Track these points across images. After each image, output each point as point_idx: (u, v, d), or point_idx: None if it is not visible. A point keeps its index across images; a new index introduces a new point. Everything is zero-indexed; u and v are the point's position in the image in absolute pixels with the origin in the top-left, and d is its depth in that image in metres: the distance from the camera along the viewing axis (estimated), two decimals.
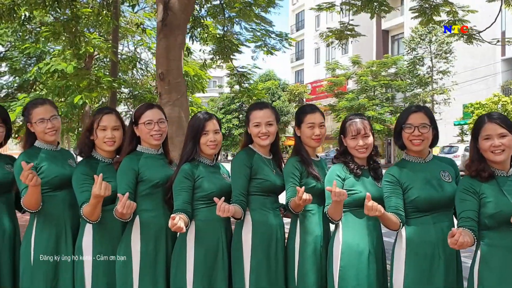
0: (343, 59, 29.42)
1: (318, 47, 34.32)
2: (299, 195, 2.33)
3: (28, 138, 2.67)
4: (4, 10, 7.39)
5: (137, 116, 2.66)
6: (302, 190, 2.33)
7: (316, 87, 32.41)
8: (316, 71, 35.00)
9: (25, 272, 2.54)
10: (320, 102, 32.65)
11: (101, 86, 8.00)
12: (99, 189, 2.26)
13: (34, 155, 2.59)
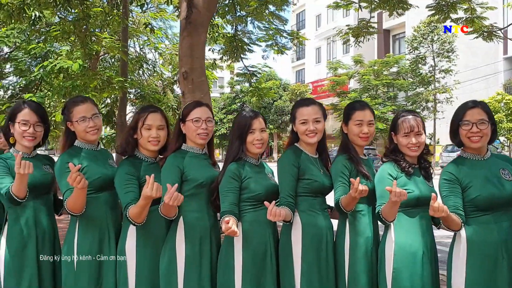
0: (344, 59, 29.40)
1: (319, 46, 34.28)
2: (355, 186, 2.23)
3: (68, 137, 2.59)
4: (14, 10, 7.31)
5: (185, 114, 2.59)
6: (358, 181, 2.25)
7: (318, 87, 32.35)
8: (317, 71, 34.96)
9: (68, 277, 2.46)
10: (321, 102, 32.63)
11: (112, 86, 7.92)
12: (151, 190, 2.17)
13: (75, 156, 2.51)
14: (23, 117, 2.52)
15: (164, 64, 13.17)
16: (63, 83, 9.17)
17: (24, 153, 2.53)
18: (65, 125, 2.60)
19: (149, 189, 2.17)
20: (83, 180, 2.22)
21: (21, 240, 2.47)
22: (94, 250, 2.47)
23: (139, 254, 2.45)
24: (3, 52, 12.04)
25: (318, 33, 33.28)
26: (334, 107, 26.86)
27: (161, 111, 2.63)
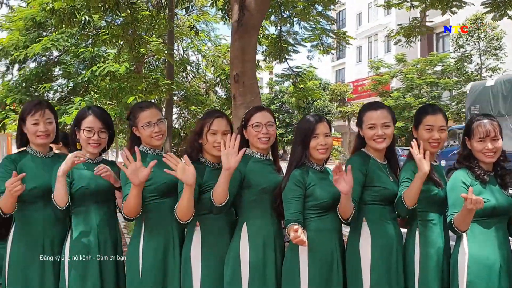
0: (386, 57, 28.84)
1: (359, 45, 33.77)
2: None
3: (132, 142, 2.59)
4: (65, 15, 7.52)
5: (246, 119, 2.56)
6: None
7: (358, 86, 31.87)
8: (357, 70, 34.45)
9: (133, 284, 2.46)
10: (362, 102, 32.14)
11: (159, 89, 8.03)
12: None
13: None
14: (87, 124, 2.55)
15: (207, 66, 13.27)
16: (110, 85, 9.39)
17: (89, 159, 2.55)
18: (130, 130, 2.60)
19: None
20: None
21: (85, 246, 2.49)
22: (159, 256, 2.46)
23: (204, 261, 2.42)
24: (52, 56, 12.40)
25: (358, 32, 32.76)
26: None
27: (226, 117, 2.60)
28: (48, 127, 2.59)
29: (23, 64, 11.83)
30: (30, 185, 2.48)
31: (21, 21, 10.88)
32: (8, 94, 10.86)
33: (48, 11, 8.25)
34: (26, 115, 2.59)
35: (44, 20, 10.56)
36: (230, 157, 2.24)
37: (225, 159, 2.25)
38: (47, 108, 2.61)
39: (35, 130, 2.56)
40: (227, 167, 2.24)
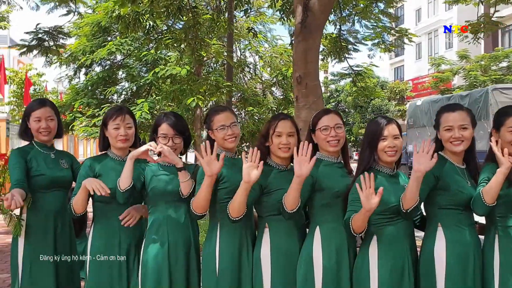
0: (447, 54, 27.78)
1: (419, 42, 32.76)
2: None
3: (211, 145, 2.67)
4: (130, 20, 7.81)
5: (314, 122, 2.56)
6: None
7: (418, 84, 30.90)
8: (417, 67, 33.43)
9: (209, 284, 2.53)
10: None
11: (220, 91, 8.18)
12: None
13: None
14: (162, 131, 2.65)
15: (264, 67, 13.35)
16: (171, 87, 9.67)
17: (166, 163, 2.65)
18: (207, 133, 2.68)
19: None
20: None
21: (160, 246, 2.58)
22: (235, 257, 2.50)
23: (274, 263, 2.45)
24: (116, 60, 12.88)
25: (418, 28, 31.76)
26: None
27: (291, 119, 2.62)
28: (127, 132, 2.72)
29: (89, 68, 12.37)
30: (108, 186, 2.60)
31: (88, 27, 11.41)
32: (75, 97, 11.40)
33: (114, 17, 8.63)
34: (108, 120, 2.73)
35: (108, 25, 11.05)
36: (302, 164, 2.26)
37: (297, 167, 2.27)
38: (127, 114, 2.75)
39: (116, 134, 2.70)
40: (299, 175, 2.26)
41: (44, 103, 2.92)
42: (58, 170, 2.86)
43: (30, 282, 2.76)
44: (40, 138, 2.86)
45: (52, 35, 6.16)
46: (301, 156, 2.28)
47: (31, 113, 2.86)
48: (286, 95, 12.28)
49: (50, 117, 2.88)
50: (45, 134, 2.85)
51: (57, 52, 6.74)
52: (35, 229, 2.77)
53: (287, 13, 8.07)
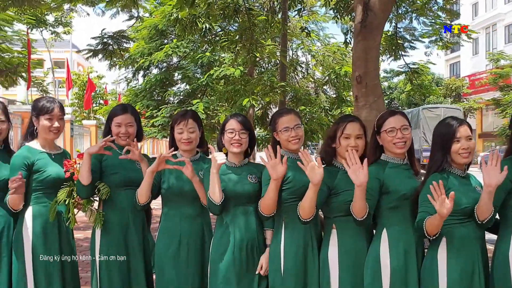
0: (507, 49, 26.59)
1: (476, 37, 31.52)
2: None
3: (274, 146, 2.74)
4: (187, 23, 8.03)
5: (379, 124, 2.57)
6: None
7: (475, 80, 29.76)
8: (474, 63, 32.19)
9: (274, 283, 2.60)
10: (480, 97, 29.95)
11: (274, 91, 8.26)
12: None
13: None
14: (230, 126, 2.74)
15: (316, 66, 13.31)
16: (225, 88, 9.84)
17: (232, 163, 2.75)
18: (272, 134, 2.76)
19: None
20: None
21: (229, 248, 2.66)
22: (300, 257, 2.56)
23: (342, 263, 2.48)
24: (172, 62, 13.24)
25: (474, 23, 30.58)
26: (496, 102, 24.47)
27: (359, 121, 2.64)
28: (190, 135, 2.86)
29: (147, 70, 12.79)
30: (175, 185, 2.80)
31: (146, 30, 11.80)
32: (135, 99, 11.81)
33: (172, 20, 8.89)
34: (174, 124, 2.90)
35: (165, 28, 11.38)
36: (358, 172, 2.29)
37: (354, 177, 2.30)
38: (190, 118, 2.88)
39: (179, 137, 2.86)
40: (359, 184, 2.30)
41: (125, 109, 3.07)
42: (133, 171, 3.00)
43: (107, 276, 2.93)
44: (119, 142, 3.01)
45: (116, 39, 6.45)
46: (353, 166, 2.32)
47: (113, 118, 3.03)
48: (339, 94, 12.20)
49: (130, 123, 3.03)
50: (124, 139, 3.00)
51: (121, 56, 7.03)
52: (111, 225, 2.94)
53: (341, 12, 8.03)
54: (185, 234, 2.79)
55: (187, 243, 2.78)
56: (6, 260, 2.82)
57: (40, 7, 5.61)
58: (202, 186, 2.72)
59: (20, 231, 2.81)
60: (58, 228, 2.90)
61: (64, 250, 2.94)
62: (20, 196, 2.75)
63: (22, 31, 13.86)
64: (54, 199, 2.85)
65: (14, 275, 2.81)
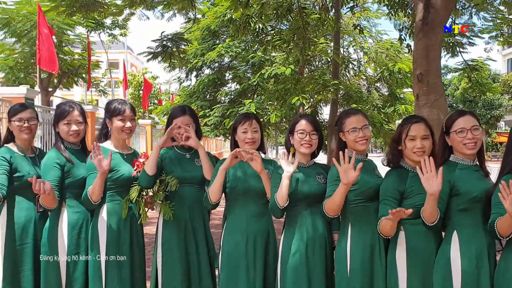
0: None
1: None
2: None
3: (339, 146, 2.76)
4: (240, 24, 8.14)
5: (448, 125, 2.53)
6: None
7: None
8: None
9: (341, 282, 2.62)
10: None
11: (327, 89, 8.22)
12: None
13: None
14: (300, 127, 2.79)
15: (368, 63, 13.11)
16: (275, 87, 9.88)
17: (301, 163, 2.79)
18: (338, 135, 2.79)
19: None
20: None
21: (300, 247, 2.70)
22: (366, 257, 2.57)
23: (410, 265, 2.47)
24: (224, 62, 13.42)
25: None
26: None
27: (425, 121, 2.61)
28: (254, 135, 2.93)
29: (200, 70, 13.03)
30: (238, 185, 2.87)
31: (198, 31, 12.02)
32: (189, 99, 12.07)
33: (226, 21, 9.04)
34: (237, 125, 2.97)
35: (217, 29, 11.56)
36: (432, 181, 2.26)
37: (427, 185, 2.27)
38: (254, 119, 2.97)
39: (244, 137, 2.93)
40: (432, 192, 2.27)
41: (184, 111, 3.18)
42: (191, 169, 3.12)
43: (167, 269, 3.04)
44: (178, 142, 3.13)
45: (174, 41, 6.63)
46: (427, 174, 2.28)
47: (173, 119, 3.15)
48: (392, 91, 11.96)
49: (189, 125, 3.13)
50: (184, 140, 3.11)
51: (179, 58, 7.22)
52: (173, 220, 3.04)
53: (395, 8, 7.89)
54: (252, 232, 2.85)
55: (254, 242, 2.84)
56: (84, 254, 2.98)
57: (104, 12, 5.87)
58: (270, 182, 2.77)
59: (95, 227, 2.97)
60: (130, 224, 3.04)
61: (135, 246, 3.07)
62: (51, 196, 2.78)
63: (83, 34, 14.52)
64: (126, 197, 2.99)
65: (90, 269, 2.96)
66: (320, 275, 2.69)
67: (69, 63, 13.54)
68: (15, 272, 2.95)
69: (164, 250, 3.04)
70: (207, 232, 3.17)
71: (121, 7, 5.83)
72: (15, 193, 2.99)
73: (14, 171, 2.97)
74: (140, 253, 3.13)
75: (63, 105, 3.06)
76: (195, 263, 3.05)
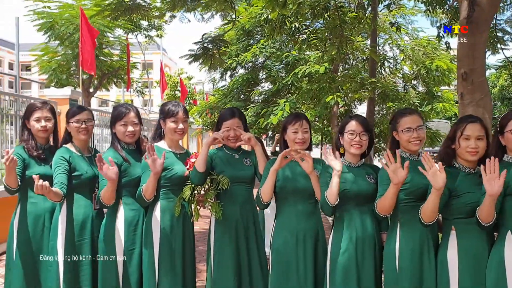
0: None
1: None
2: None
3: (392, 145, 2.79)
4: (276, 24, 8.19)
5: (503, 124, 2.52)
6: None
7: None
8: None
9: (389, 281, 2.66)
10: None
11: (364, 87, 8.17)
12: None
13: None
14: (351, 127, 2.83)
15: (405, 60, 12.93)
16: (309, 86, 9.87)
17: (350, 163, 2.83)
18: (391, 134, 2.82)
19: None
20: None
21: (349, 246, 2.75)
22: (415, 257, 2.59)
23: (461, 265, 2.47)
24: (257, 62, 13.49)
25: None
26: None
27: (480, 121, 2.59)
28: (304, 135, 3.00)
29: (234, 71, 13.14)
30: (288, 184, 2.95)
31: (233, 31, 12.13)
32: (223, 99, 12.20)
33: (262, 20, 9.10)
34: (287, 125, 3.04)
35: (252, 29, 11.63)
36: (494, 183, 2.26)
37: (488, 186, 2.27)
38: (304, 119, 3.03)
39: (294, 137, 2.99)
40: (492, 194, 2.27)
41: (233, 114, 3.27)
42: (241, 169, 3.20)
43: (219, 266, 3.14)
44: (229, 144, 3.23)
45: (215, 43, 6.74)
46: (490, 174, 2.28)
47: (222, 122, 3.24)
48: (430, 89, 11.78)
49: (238, 127, 3.23)
50: (233, 141, 3.21)
51: (220, 60, 7.32)
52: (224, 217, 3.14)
53: (433, 5, 7.78)
54: (301, 231, 2.90)
55: (303, 240, 2.89)
56: (138, 250, 3.10)
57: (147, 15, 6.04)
58: (318, 182, 2.82)
59: (149, 224, 3.09)
60: (183, 221, 3.15)
61: (186, 242, 3.18)
62: (112, 192, 2.97)
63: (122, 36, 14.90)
64: (179, 195, 3.10)
65: (144, 264, 3.08)
66: (369, 274, 2.72)
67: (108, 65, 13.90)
68: (75, 266, 3.10)
69: (216, 248, 3.14)
70: (257, 231, 3.24)
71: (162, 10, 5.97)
72: (74, 191, 3.14)
73: (73, 170, 3.12)
74: (191, 250, 3.23)
75: (120, 107, 3.20)
76: (245, 261, 3.13)
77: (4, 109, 6.63)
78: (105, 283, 3.07)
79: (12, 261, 3.18)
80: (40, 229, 3.21)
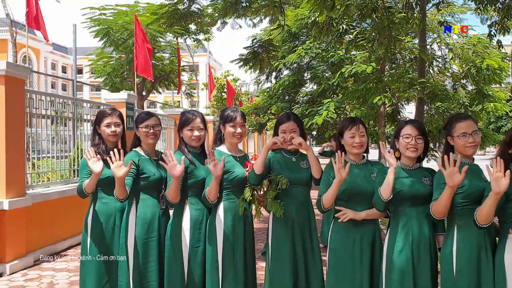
0: None
1: None
2: None
3: (447, 150, 2.84)
4: (324, 25, 8.27)
5: None
6: None
7: None
8: None
9: (446, 282, 2.72)
10: None
11: (414, 87, 8.13)
12: None
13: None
14: (406, 131, 2.91)
15: (454, 59, 12.68)
16: (356, 86, 9.86)
17: (407, 166, 2.92)
18: (445, 139, 2.87)
19: None
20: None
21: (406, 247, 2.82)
22: (473, 259, 2.64)
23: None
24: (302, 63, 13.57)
25: None
26: None
27: None
28: (362, 139, 3.09)
29: (279, 72, 13.28)
30: (350, 187, 3.05)
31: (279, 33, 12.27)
32: (270, 101, 12.37)
33: (310, 23, 9.20)
34: (344, 130, 3.15)
35: (298, 31, 11.74)
36: (499, 181, 2.34)
37: (494, 184, 2.35)
38: (360, 124, 3.12)
39: (351, 142, 3.09)
40: (497, 192, 2.35)
41: (289, 117, 3.41)
42: (298, 171, 3.34)
43: (276, 264, 3.28)
44: (285, 146, 3.37)
45: (264, 47, 6.91)
46: (496, 173, 2.34)
47: (279, 126, 3.39)
48: (480, 89, 11.51)
49: (293, 130, 3.35)
50: (289, 144, 3.35)
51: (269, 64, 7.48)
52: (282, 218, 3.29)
53: (483, 3, 7.64)
54: (358, 233, 3.00)
55: (360, 241, 2.99)
56: (202, 248, 3.29)
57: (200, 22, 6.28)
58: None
59: (213, 223, 3.27)
60: (244, 221, 3.32)
61: (247, 240, 3.34)
62: (176, 189, 3.14)
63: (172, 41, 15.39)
64: (240, 196, 3.28)
65: (207, 261, 3.26)
66: (426, 275, 2.78)
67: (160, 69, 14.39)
68: (143, 263, 3.32)
69: (273, 246, 3.29)
70: (313, 233, 3.35)
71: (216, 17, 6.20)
72: (142, 191, 3.37)
73: (141, 172, 3.36)
74: (251, 247, 3.40)
75: (187, 113, 3.41)
76: (302, 259, 3.26)
77: (58, 111, 7.08)
78: (171, 279, 3.26)
79: (86, 257, 3.45)
80: (111, 227, 3.48)
